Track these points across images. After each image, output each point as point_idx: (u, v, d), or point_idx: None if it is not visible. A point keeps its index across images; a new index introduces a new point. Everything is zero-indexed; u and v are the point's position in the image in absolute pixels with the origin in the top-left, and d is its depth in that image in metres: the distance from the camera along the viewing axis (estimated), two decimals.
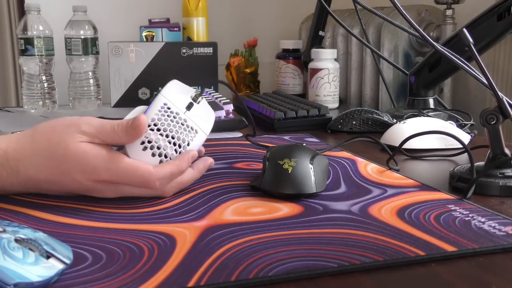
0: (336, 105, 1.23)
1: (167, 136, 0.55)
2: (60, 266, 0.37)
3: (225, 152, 0.75)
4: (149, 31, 1.32)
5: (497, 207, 0.53)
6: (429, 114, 0.95)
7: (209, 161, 0.60)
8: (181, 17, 1.38)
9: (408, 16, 0.63)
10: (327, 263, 0.40)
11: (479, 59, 0.57)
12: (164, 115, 0.56)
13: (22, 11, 1.41)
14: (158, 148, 0.54)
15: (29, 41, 1.11)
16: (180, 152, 0.56)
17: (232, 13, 1.58)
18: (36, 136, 0.53)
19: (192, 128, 0.57)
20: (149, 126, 0.55)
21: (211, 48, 1.23)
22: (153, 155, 0.54)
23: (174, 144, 0.55)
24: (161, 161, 0.54)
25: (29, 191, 0.54)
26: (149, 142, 0.54)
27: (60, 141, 0.51)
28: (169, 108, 0.56)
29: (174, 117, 0.56)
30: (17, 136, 0.54)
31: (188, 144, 0.57)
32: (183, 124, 0.57)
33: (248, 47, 1.42)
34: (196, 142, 0.58)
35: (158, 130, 0.55)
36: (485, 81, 0.58)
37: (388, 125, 0.88)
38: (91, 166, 0.51)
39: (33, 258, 0.36)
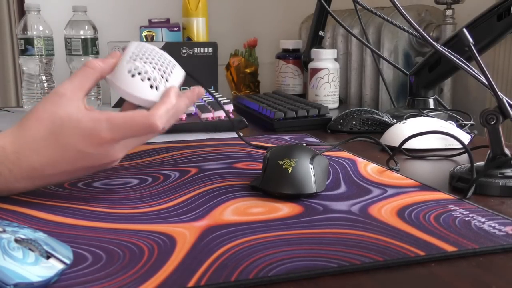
0: (336, 105, 1.23)
1: (150, 62, 0.55)
2: (60, 266, 0.37)
3: (225, 152, 0.75)
4: (149, 31, 1.32)
5: (497, 207, 0.53)
6: (429, 114, 0.95)
7: (196, 89, 0.59)
8: (181, 17, 1.38)
9: (408, 16, 0.63)
10: (327, 263, 0.40)
11: (479, 59, 0.57)
12: (142, 48, 0.57)
13: (22, 11, 1.41)
14: (145, 73, 0.55)
15: (29, 41, 1.11)
16: (166, 79, 0.56)
17: (232, 13, 1.58)
18: (26, 124, 0.52)
19: (170, 61, 0.58)
20: (130, 57, 0.55)
21: (211, 48, 1.23)
22: (142, 80, 0.54)
23: (159, 70, 0.56)
24: (151, 86, 0.55)
25: (35, 184, 0.53)
26: (135, 69, 0.55)
27: (51, 116, 0.51)
28: (145, 45, 0.57)
29: (153, 50, 0.57)
30: (9, 130, 0.53)
31: (171, 72, 0.57)
32: (161, 56, 0.57)
33: (248, 47, 1.42)
34: (177, 76, 0.58)
35: (141, 58, 0.55)
36: (485, 81, 0.58)
37: (388, 125, 0.88)
38: (88, 129, 0.51)
39: (33, 258, 0.36)
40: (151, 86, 0.55)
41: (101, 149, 0.52)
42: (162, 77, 0.56)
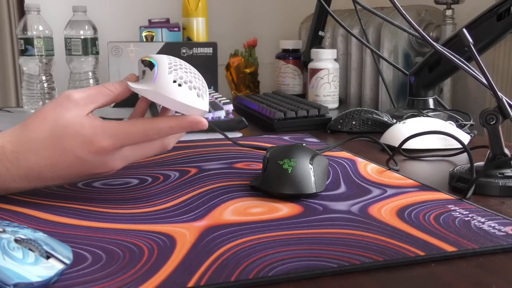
0: (336, 105, 1.23)
1: (190, 72, 0.54)
2: (60, 266, 0.37)
3: (225, 152, 0.75)
4: (149, 31, 1.32)
5: (497, 207, 0.53)
6: (429, 114, 0.95)
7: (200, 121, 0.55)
8: (181, 17, 1.38)
9: (408, 16, 0.63)
10: (327, 263, 0.40)
11: (479, 59, 0.57)
12: (176, 60, 0.55)
13: (22, 11, 1.41)
14: (191, 82, 0.53)
15: (29, 41, 1.11)
16: (206, 89, 0.55)
17: (232, 13, 1.58)
18: (30, 124, 0.52)
19: (199, 73, 0.57)
20: (169, 68, 0.53)
21: (211, 48, 1.23)
22: (190, 89, 0.53)
23: (199, 79, 0.55)
24: (198, 95, 0.53)
25: (31, 184, 0.53)
26: (181, 78, 0.53)
27: (56, 118, 0.51)
28: (175, 58, 0.56)
29: (183, 61, 0.56)
30: (10, 130, 0.53)
31: (205, 83, 0.56)
32: (193, 67, 0.56)
33: (248, 47, 1.42)
34: (206, 93, 0.57)
35: (180, 68, 0.54)
36: (484, 81, 0.58)
37: (387, 125, 0.88)
38: (89, 136, 0.51)
39: (33, 258, 0.36)
40: (198, 95, 0.54)
41: (100, 157, 0.52)
42: (203, 86, 0.55)
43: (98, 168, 0.53)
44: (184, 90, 0.53)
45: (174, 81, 0.53)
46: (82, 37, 1.17)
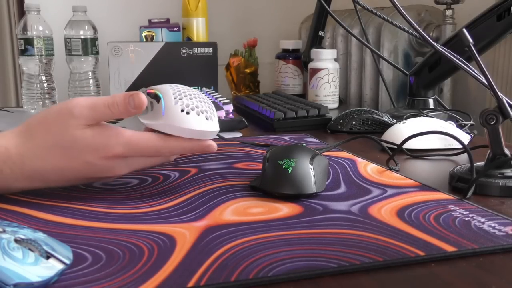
0: (336, 105, 1.23)
1: (195, 98, 0.56)
2: (60, 267, 0.37)
3: (225, 152, 0.75)
4: (149, 31, 1.32)
5: (497, 207, 0.53)
6: (429, 114, 0.95)
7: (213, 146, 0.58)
8: (181, 17, 1.38)
9: (408, 16, 0.63)
10: (327, 263, 0.40)
11: (479, 59, 0.57)
12: (180, 88, 0.57)
13: (22, 11, 1.41)
14: (197, 107, 0.55)
15: (29, 41, 1.11)
16: (213, 109, 0.57)
17: (232, 13, 1.58)
18: (33, 130, 0.52)
19: (203, 95, 0.58)
20: (175, 98, 0.55)
21: (211, 48, 1.23)
22: (198, 114, 0.55)
23: (205, 103, 0.56)
24: (207, 118, 0.55)
25: (34, 185, 0.54)
26: (187, 106, 0.55)
27: (62, 130, 0.51)
28: (178, 85, 0.58)
29: (187, 88, 0.57)
30: (14, 132, 0.53)
31: (211, 103, 0.57)
32: (197, 91, 0.57)
33: (248, 47, 1.42)
34: (214, 114, 0.58)
35: (185, 96, 0.55)
36: (484, 81, 0.58)
37: (388, 125, 0.88)
38: (103, 144, 0.52)
39: (33, 258, 0.36)
40: (207, 118, 0.55)
41: (109, 162, 0.53)
42: (210, 108, 0.57)
43: (104, 172, 0.54)
44: (193, 117, 0.54)
45: (182, 110, 0.54)
46: (82, 37, 1.17)
